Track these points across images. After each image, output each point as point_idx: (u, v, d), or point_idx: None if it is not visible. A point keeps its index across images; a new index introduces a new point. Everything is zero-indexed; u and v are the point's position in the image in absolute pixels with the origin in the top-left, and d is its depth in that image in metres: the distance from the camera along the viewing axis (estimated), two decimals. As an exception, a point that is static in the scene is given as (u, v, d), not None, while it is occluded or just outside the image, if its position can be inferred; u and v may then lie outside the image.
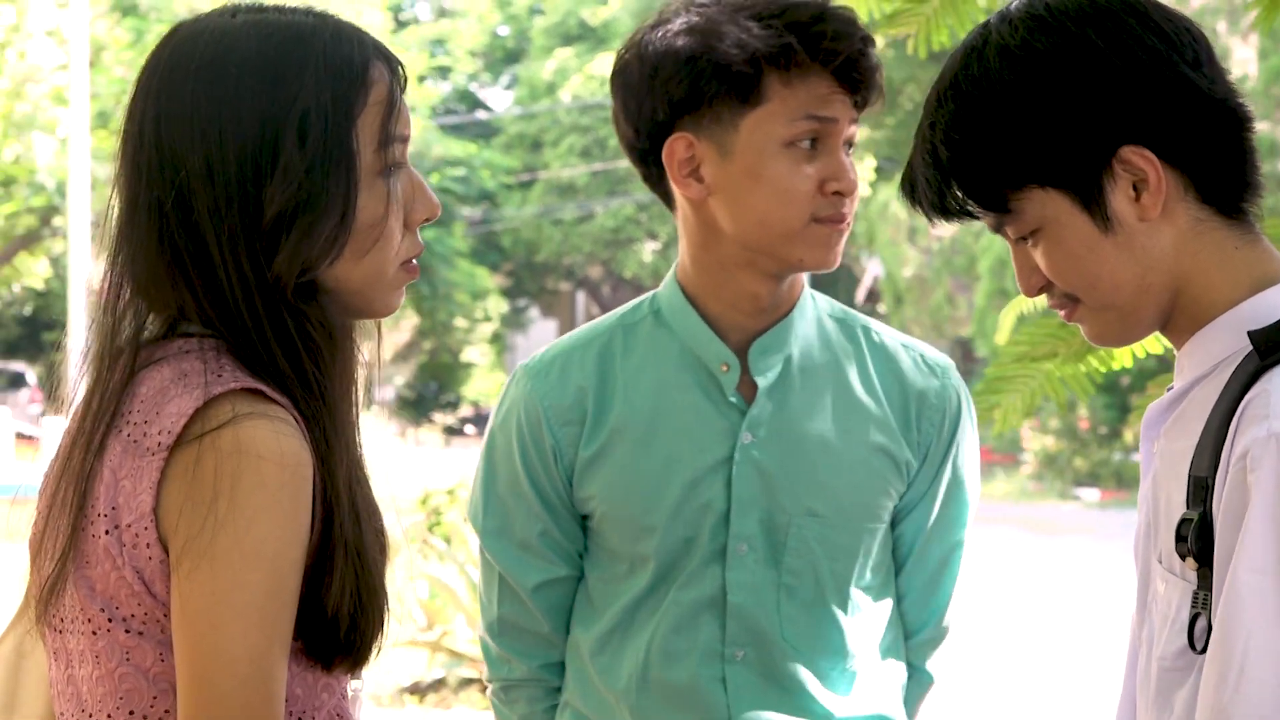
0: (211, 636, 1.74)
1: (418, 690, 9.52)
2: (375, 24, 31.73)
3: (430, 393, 40.08)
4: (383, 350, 2.12)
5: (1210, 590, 1.76)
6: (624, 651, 2.55)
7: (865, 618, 2.57)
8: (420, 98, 35.25)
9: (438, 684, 9.50)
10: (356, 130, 1.84)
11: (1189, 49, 1.85)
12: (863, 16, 3.05)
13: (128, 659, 1.81)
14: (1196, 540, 1.76)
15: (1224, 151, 1.86)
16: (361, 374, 2.02)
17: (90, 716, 1.84)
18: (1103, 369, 3.40)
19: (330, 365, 1.85)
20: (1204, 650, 1.76)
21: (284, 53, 1.83)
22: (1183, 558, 1.79)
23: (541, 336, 44.56)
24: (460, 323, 38.04)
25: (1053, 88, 1.84)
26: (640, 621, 2.54)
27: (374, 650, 1.85)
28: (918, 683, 2.66)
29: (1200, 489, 1.78)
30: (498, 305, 39.07)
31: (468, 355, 40.97)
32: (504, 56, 41.27)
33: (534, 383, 2.59)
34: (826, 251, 2.48)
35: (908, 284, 30.76)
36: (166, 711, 1.81)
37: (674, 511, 2.51)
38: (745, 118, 2.46)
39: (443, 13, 41.68)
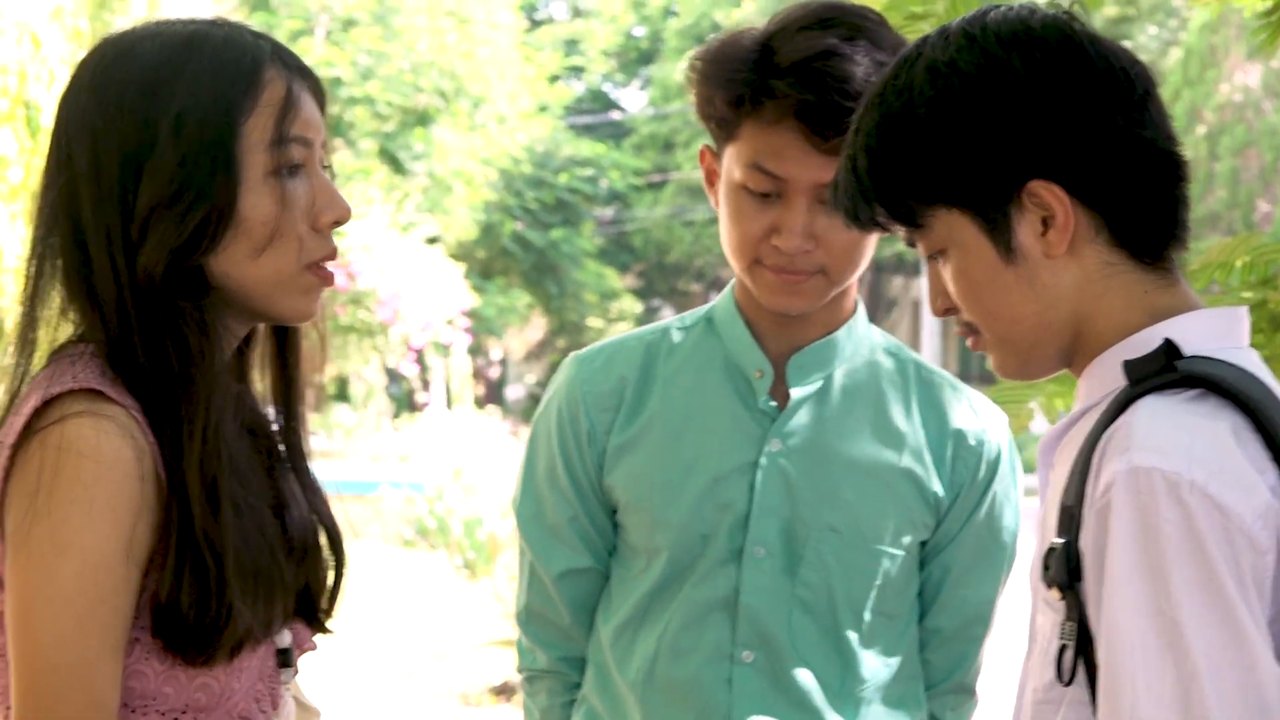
0: (24, 626, 1.78)
1: (506, 690, 9.54)
2: (507, 24, 31.88)
3: (560, 391, 40.16)
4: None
5: (1076, 622, 1.71)
6: (635, 645, 2.56)
7: (879, 649, 2.54)
8: (553, 97, 35.39)
9: (526, 685, 9.50)
10: (244, 130, 1.89)
11: (1120, 89, 1.80)
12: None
13: (1, 655, 1.86)
14: (1061, 569, 1.72)
15: (1144, 197, 1.80)
16: (307, 377, 2.09)
17: None
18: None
19: (200, 361, 1.87)
20: (1069, 682, 1.72)
21: (169, 58, 1.89)
22: (1048, 586, 1.74)
23: (673, 337, 44.50)
24: (594, 323, 38.17)
25: (968, 110, 1.80)
26: (653, 616, 2.55)
27: (224, 643, 1.84)
28: None
29: (1067, 517, 1.73)
30: (632, 306, 39.16)
31: (601, 355, 40.98)
32: (638, 57, 41.31)
33: (579, 369, 2.62)
34: (772, 295, 2.47)
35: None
36: None
37: (693, 508, 2.51)
38: (724, 151, 2.47)
39: (577, 13, 41.81)
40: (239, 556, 1.84)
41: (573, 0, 42.20)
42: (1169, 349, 1.73)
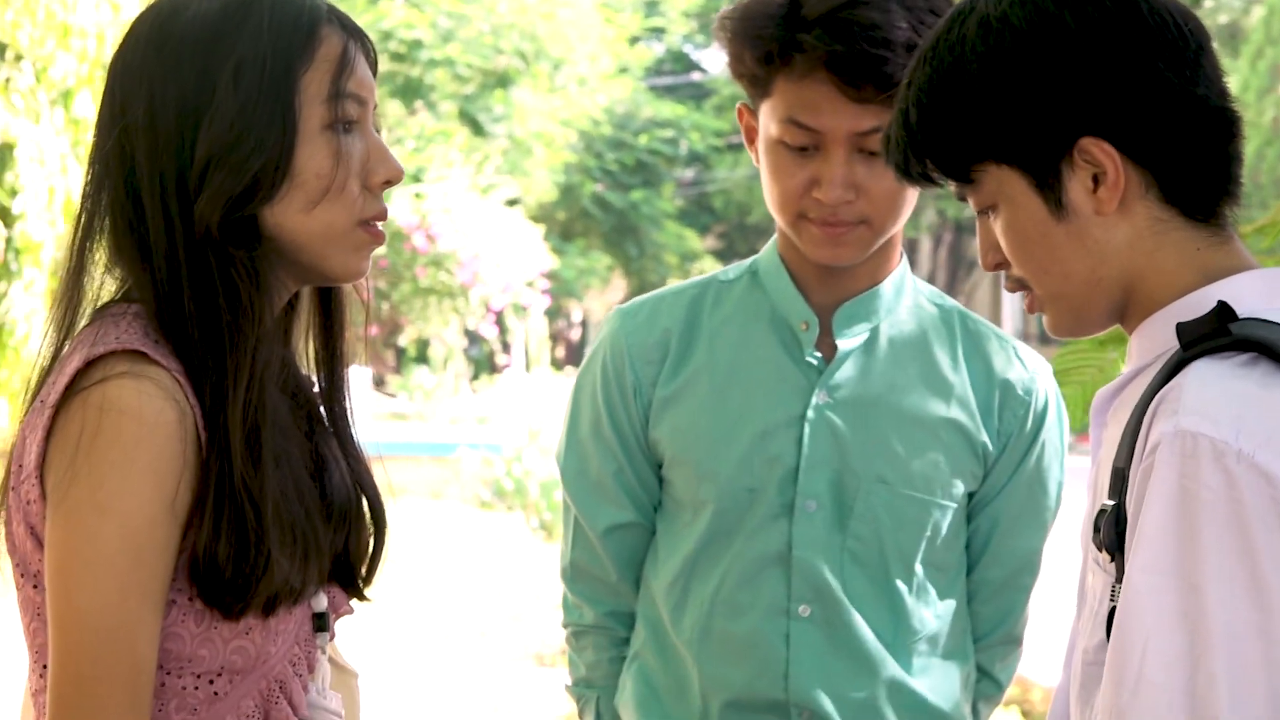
0: (64, 588, 1.78)
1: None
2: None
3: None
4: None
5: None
6: (688, 601, 2.56)
7: (930, 601, 2.54)
8: (633, 59, 35.32)
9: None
10: (301, 84, 1.90)
11: (1174, 45, 1.78)
12: None
13: (38, 614, 1.87)
14: (1111, 531, 1.71)
15: (1196, 154, 1.79)
16: (353, 344, 2.09)
17: (30, 675, 1.89)
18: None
19: (250, 312, 1.87)
20: None
21: (228, 13, 1.90)
22: (1099, 549, 1.74)
23: (754, 299, 44.31)
24: (675, 284, 38.14)
25: (1019, 66, 1.79)
26: (703, 571, 2.55)
27: (261, 593, 1.84)
28: (985, 688, 2.64)
29: (1118, 480, 1.72)
30: (712, 267, 39.00)
31: (683, 316, 40.86)
32: (719, 18, 41.14)
33: (623, 321, 2.62)
34: (817, 248, 2.47)
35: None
36: None
37: (740, 461, 2.51)
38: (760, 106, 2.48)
39: (658, -26, 41.68)
40: (278, 508, 1.85)
41: (653, -39, 42.04)
42: (1222, 311, 1.72)
